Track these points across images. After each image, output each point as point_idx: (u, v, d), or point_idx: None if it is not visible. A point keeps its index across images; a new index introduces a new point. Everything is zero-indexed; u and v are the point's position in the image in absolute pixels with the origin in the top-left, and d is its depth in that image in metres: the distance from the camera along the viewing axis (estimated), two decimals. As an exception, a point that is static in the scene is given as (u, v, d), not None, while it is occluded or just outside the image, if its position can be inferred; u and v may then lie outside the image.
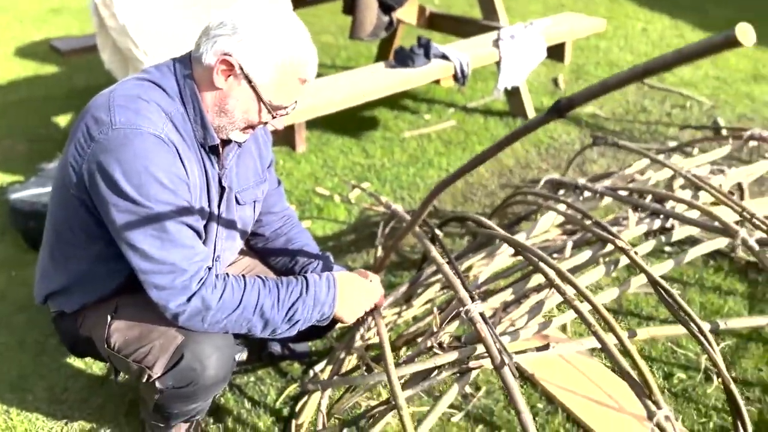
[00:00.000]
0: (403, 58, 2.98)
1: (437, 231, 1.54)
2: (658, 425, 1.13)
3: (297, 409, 1.80)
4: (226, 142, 1.38)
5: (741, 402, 1.24)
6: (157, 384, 1.34)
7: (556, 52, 3.53)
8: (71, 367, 1.98)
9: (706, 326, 1.31)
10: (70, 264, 1.40)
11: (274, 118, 1.33)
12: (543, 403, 1.80)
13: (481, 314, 1.30)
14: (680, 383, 1.87)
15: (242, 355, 1.97)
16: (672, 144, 2.70)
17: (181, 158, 1.25)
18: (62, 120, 3.78)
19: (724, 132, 1.98)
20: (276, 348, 1.96)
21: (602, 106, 3.75)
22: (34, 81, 4.39)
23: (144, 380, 1.36)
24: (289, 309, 1.33)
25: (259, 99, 1.28)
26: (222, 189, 1.40)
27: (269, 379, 1.93)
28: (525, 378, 1.87)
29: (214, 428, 1.78)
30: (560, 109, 0.97)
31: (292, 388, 1.89)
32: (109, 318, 1.39)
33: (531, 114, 3.57)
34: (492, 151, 1.15)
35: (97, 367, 1.97)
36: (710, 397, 1.82)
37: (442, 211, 2.66)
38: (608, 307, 2.03)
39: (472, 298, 1.33)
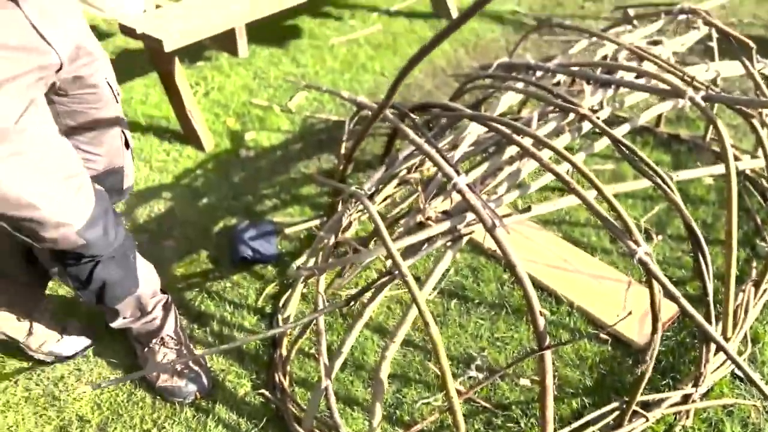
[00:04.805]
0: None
1: (409, 113, 1.57)
2: (639, 261, 1.26)
3: (281, 304, 1.85)
4: None
5: (700, 234, 1.40)
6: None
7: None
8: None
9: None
10: None
11: None
12: (508, 274, 1.95)
13: (468, 185, 1.37)
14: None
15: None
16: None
17: None
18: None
19: (630, 13, 2.08)
20: (248, 252, 1.97)
21: (520, 2, 3.83)
22: None
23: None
24: None
25: None
26: None
27: (246, 282, 1.95)
28: (489, 255, 2.01)
29: (200, 332, 1.80)
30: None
31: (271, 288, 1.92)
32: None
33: (455, 14, 3.59)
34: (459, 21, 1.15)
35: (63, 290, 1.91)
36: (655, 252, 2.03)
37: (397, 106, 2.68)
38: (555, 186, 2.17)
39: (457, 173, 1.39)
